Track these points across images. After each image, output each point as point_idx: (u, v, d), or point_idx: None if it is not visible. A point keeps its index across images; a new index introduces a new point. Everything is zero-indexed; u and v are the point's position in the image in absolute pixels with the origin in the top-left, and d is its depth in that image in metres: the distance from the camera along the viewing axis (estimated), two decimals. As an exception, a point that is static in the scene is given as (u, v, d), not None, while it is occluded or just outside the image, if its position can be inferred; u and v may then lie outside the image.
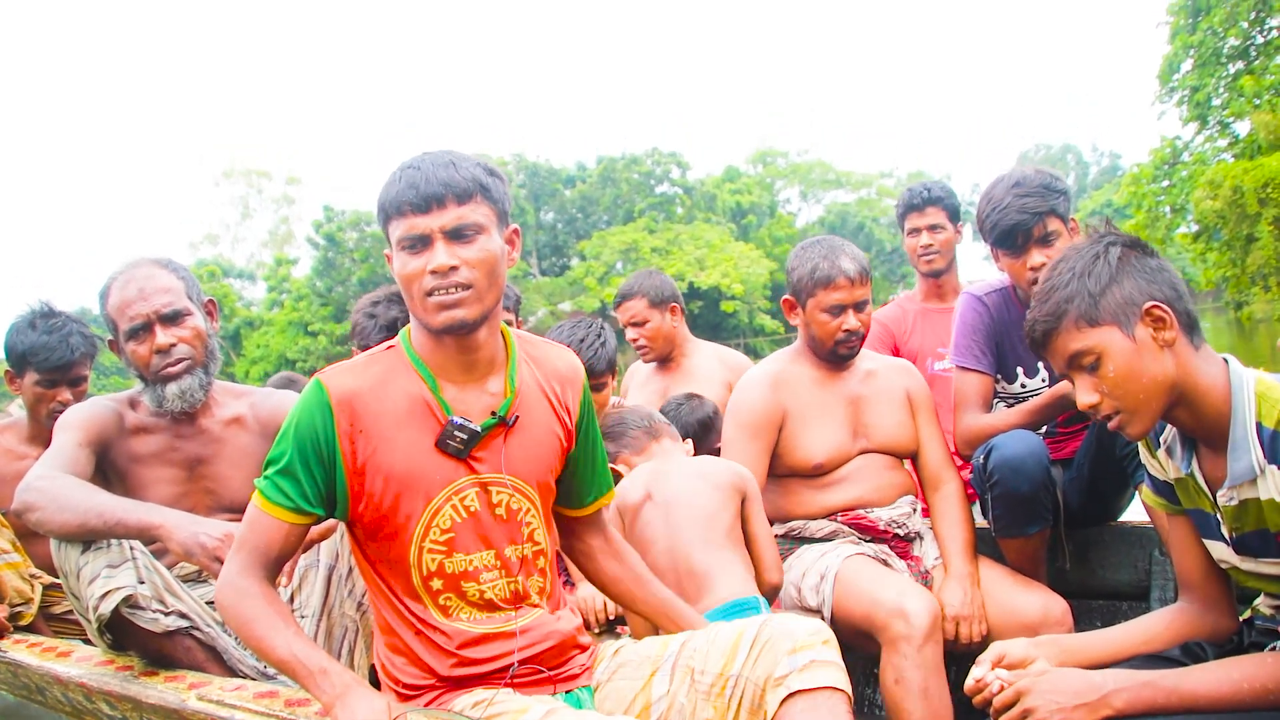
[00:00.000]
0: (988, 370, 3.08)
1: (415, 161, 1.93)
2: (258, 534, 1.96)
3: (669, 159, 57.76)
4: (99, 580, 2.32)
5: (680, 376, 4.12)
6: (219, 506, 2.84)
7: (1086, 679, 1.79)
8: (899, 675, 2.55)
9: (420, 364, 2.00)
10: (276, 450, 1.95)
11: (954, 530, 2.95)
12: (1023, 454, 2.75)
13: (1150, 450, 2.03)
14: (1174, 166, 28.31)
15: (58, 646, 2.67)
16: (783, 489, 3.06)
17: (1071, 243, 2.75)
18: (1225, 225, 24.09)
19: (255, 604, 1.92)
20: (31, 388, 3.46)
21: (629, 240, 51.22)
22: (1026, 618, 2.73)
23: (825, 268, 2.93)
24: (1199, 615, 2.02)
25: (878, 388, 3.07)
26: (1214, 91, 27.54)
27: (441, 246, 1.88)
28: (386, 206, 1.93)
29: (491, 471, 2.01)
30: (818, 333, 2.98)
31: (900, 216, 4.27)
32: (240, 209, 67.75)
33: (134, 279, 2.72)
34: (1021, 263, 2.90)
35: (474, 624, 2.00)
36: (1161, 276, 1.84)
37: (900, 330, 4.13)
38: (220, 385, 2.92)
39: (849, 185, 67.45)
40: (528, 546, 2.06)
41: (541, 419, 2.10)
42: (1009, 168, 2.97)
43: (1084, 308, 1.83)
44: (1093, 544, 3.23)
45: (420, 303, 1.92)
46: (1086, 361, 1.85)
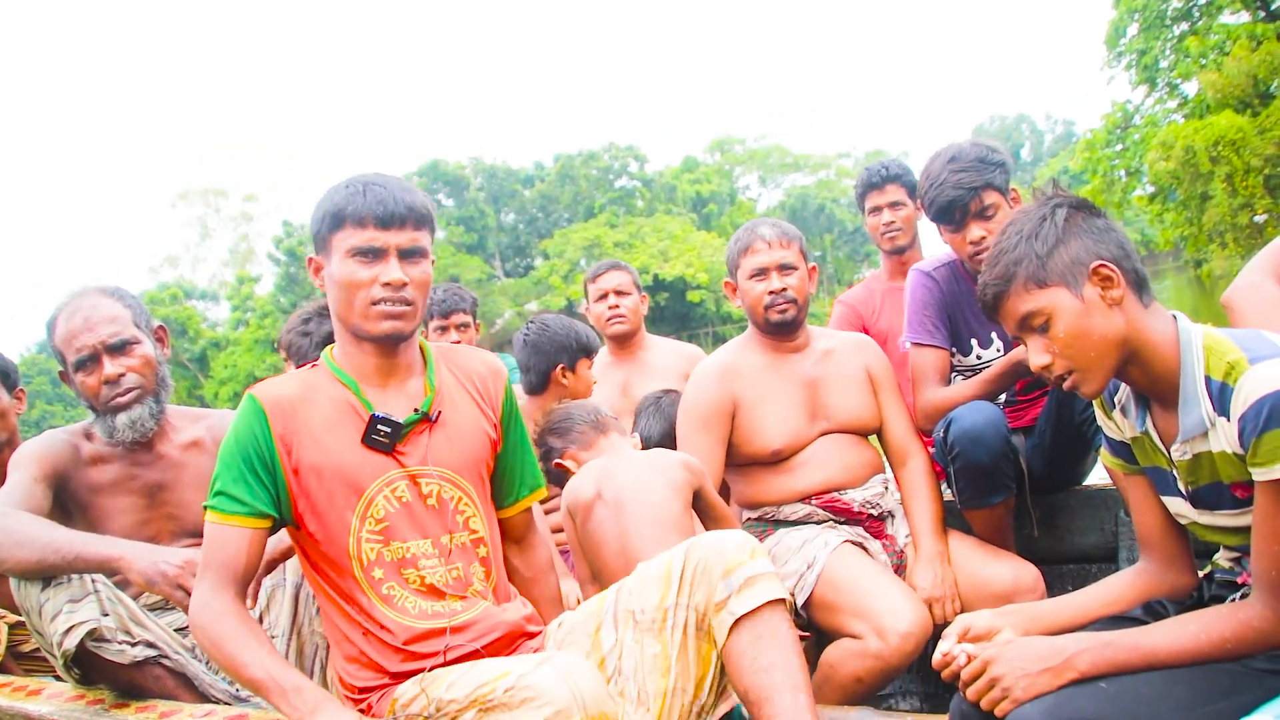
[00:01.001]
0: (942, 344, 3.08)
1: (379, 180, 2.08)
2: (220, 549, 2.00)
3: (626, 153, 57.89)
4: (61, 616, 2.30)
5: (639, 369, 4.12)
6: (183, 532, 2.82)
7: (1050, 644, 1.79)
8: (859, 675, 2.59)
9: (342, 373, 2.13)
10: (220, 466, 2.04)
11: (922, 507, 2.95)
12: (981, 425, 2.76)
13: (1105, 411, 2.04)
14: (1126, 130, 28.55)
15: (28, 685, 2.64)
16: (748, 477, 3.06)
17: (1014, 210, 2.78)
18: (1180, 185, 24.32)
19: (229, 624, 1.95)
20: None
21: (591, 236, 51.26)
22: (998, 587, 2.74)
23: (745, 237, 3.02)
24: (1160, 573, 2.03)
25: (834, 367, 3.06)
26: (1161, 54, 27.74)
27: (395, 262, 2.03)
28: (345, 214, 2.04)
29: (418, 464, 2.11)
30: (748, 302, 3.01)
31: (860, 196, 4.27)
32: (199, 229, 67.25)
33: (80, 309, 2.69)
34: (961, 237, 2.91)
35: (420, 617, 2.05)
36: (1108, 236, 1.85)
37: (868, 310, 4.13)
38: (175, 410, 2.89)
39: (807, 168, 67.70)
40: (465, 534, 2.15)
41: (466, 414, 2.22)
42: (962, 141, 2.96)
43: (1032, 269, 1.84)
44: (1059, 510, 3.25)
45: (362, 309, 2.05)
46: (1037, 323, 1.86)
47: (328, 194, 2.09)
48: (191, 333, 55.25)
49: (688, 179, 59.48)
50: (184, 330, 54.87)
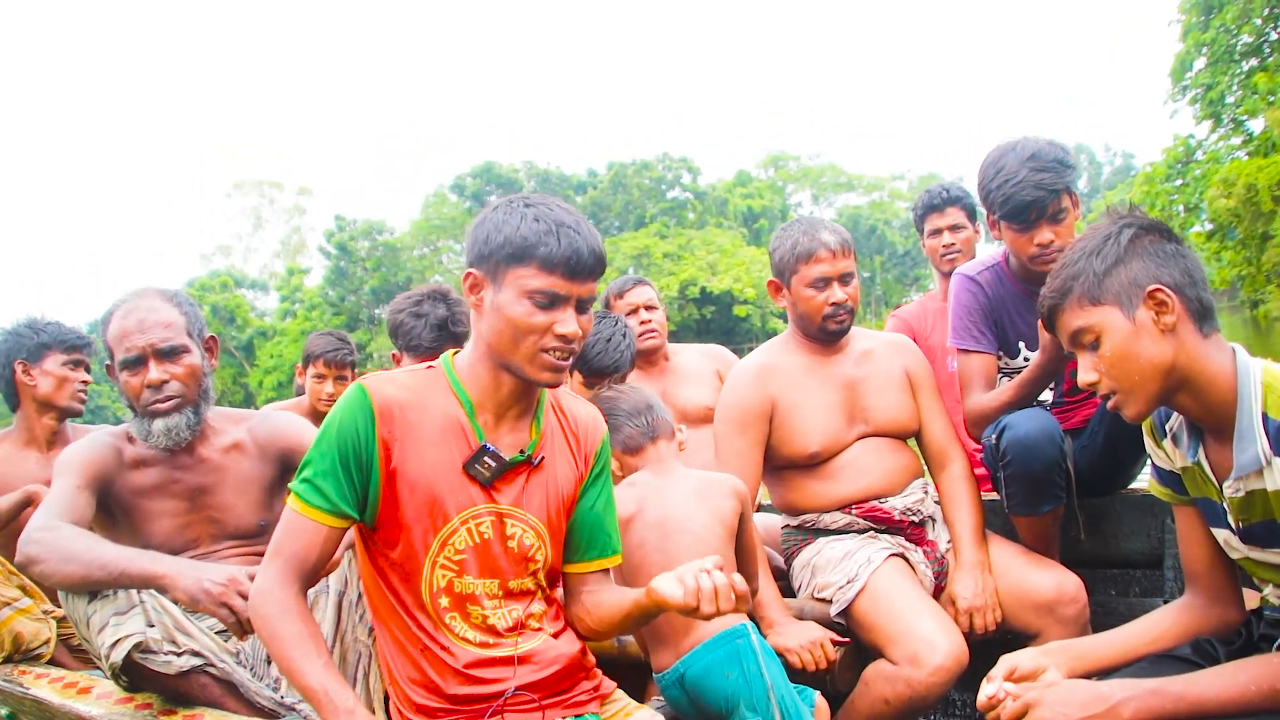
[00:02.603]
0: (988, 349, 3.05)
1: (573, 223, 1.94)
2: (295, 539, 1.96)
3: (679, 164, 57.92)
4: (108, 629, 2.31)
5: (672, 378, 4.09)
6: (224, 535, 2.82)
7: (1094, 690, 1.77)
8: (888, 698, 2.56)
9: (460, 388, 2.04)
10: (315, 452, 1.96)
11: (962, 514, 2.92)
12: (1035, 433, 2.72)
13: (1156, 440, 2.01)
14: (1187, 165, 28.16)
15: (79, 681, 2.66)
16: (786, 482, 3.03)
17: (1074, 218, 2.73)
18: (1240, 223, 23.95)
19: (291, 623, 1.91)
20: (57, 370, 3.53)
21: (641, 246, 51.30)
22: (1040, 596, 2.70)
23: (805, 242, 2.90)
24: (1205, 608, 2.00)
25: (874, 368, 3.03)
26: (1227, 89, 27.37)
27: (573, 314, 1.94)
28: (534, 253, 1.90)
29: (510, 505, 2.04)
30: (805, 310, 2.94)
31: (919, 218, 4.27)
32: (252, 220, 68.17)
33: (135, 310, 2.69)
34: (1029, 238, 2.85)
35: (481, 646, 2.01)
36: (1175, 262, 1.83)
37: (920, 327, 4.14)
38: (216, 412, 2.88)
39: (860, 188, 67.48)
40: (529, 580, 2.10)
41: (562, 463, 2.14)
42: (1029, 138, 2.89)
43: (1088, 286, 1.84)
44: (1105, 513, 3.20)
45: (528, 354, 1.94)
46: (1087, 340, 1.86)
47: (509, 217, 1.94)
48: (240, 321, 56.00)
49: (740, 193, 59.46)
50: (232, 318, 55.63)
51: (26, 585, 2.99)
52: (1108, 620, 2.12)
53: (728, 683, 2.28)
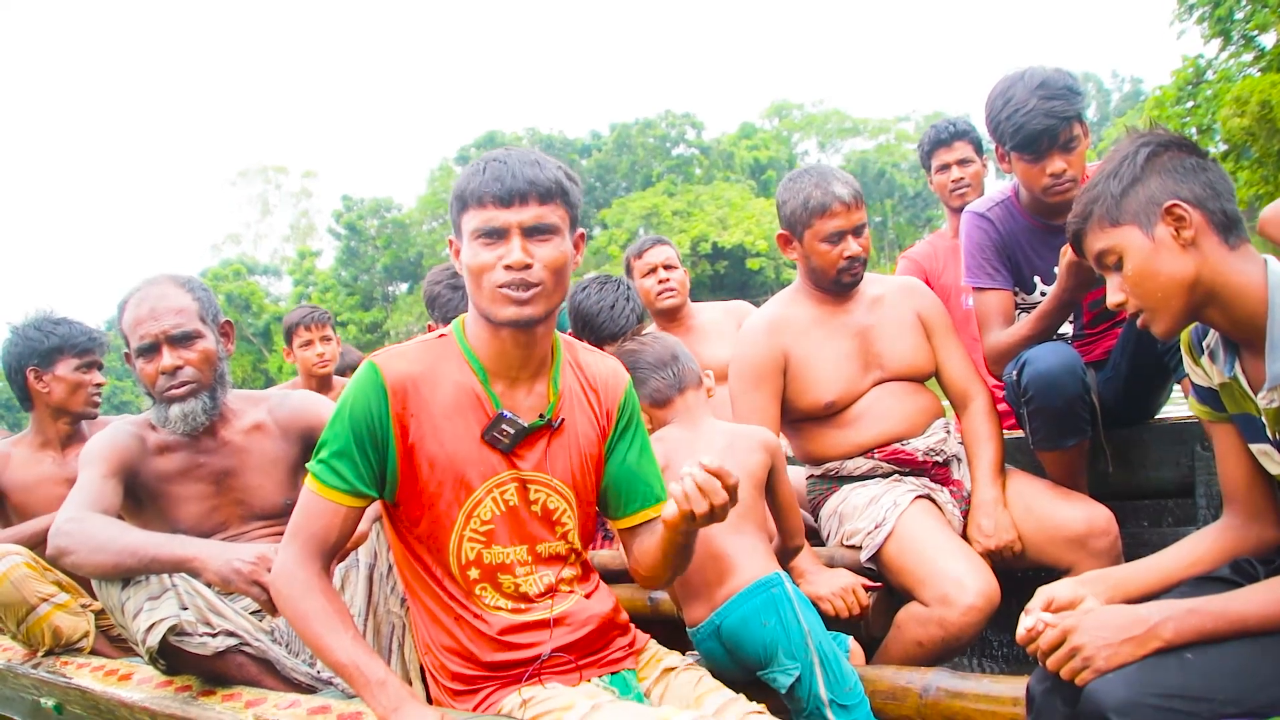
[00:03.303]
0: (1003, 285, 3.02)
1: (501, 155, 1.96)
2: (314, 519, 1.96)
3: (683, 120, 57.63)
4: (143, 614, 2.33)
5: (694, 336, 4.08)
6: (251, 516, 2.85)
7: (1132, 613, 1.75)
8: (920, 640, 2.56)
9: (473, 356, 2.03)
10: (330, 433, 1.97)
11: (980, 451, 2.90)
12: (1056, 368, 2.69)
13: (1194, 357, 1.99)
14: (1198, 86, 27.71)
15: (119, 669, 2.70)
16: (805, 433, 3.01)
17: (1085, 147, 2.69)
18: (1255, 142, 23.62)
19: (314, 601, 1.92)
20: (69, 375, 3.52)
21: (649, 205, 51.18)
22: (1071, 530, 2.69)
23: (819, 196, 2.85)
24: (1244, 528, 1.97)
25: (885, 314, 3.00)
26: (1236, 4, 26.81)
27: (518, 242, 1.90)
28: (466, 195, 1.94)
29: (533, 470, 2.04)
30: (818, 263, 2.91)
31: (926, 155, 4.24)
32: (259, 206, 68.27)
33: (148, 297, 2.71)
34: (1040, 168, 2.81)
35: (515, 613, 2.02)
36: (1196, 176, 1.81)
37: (932, 267, 4.12)
38: (236, 394, 2.90)
39: (867, 132, 66.98)
40: (560, 544, 2.09)
41: (582, 423, 2.13)
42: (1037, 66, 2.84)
43: (1107, 207, 1.84)
44: (1133, 444, 3.18)
45: (489, 294, 1.93)
46: (1110, 261, 1.86)
47: (459, 175, 2.00)
48: (255, 307, 56.23)
49: (745, 145, 59.13)
50: (248, 305, 55.86)
51: (63, 580, 3.03)
52: (1141, 552, 2.09)
53: (765, 631, 2.28)
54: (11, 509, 3.52)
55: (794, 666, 2.23)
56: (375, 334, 51.54)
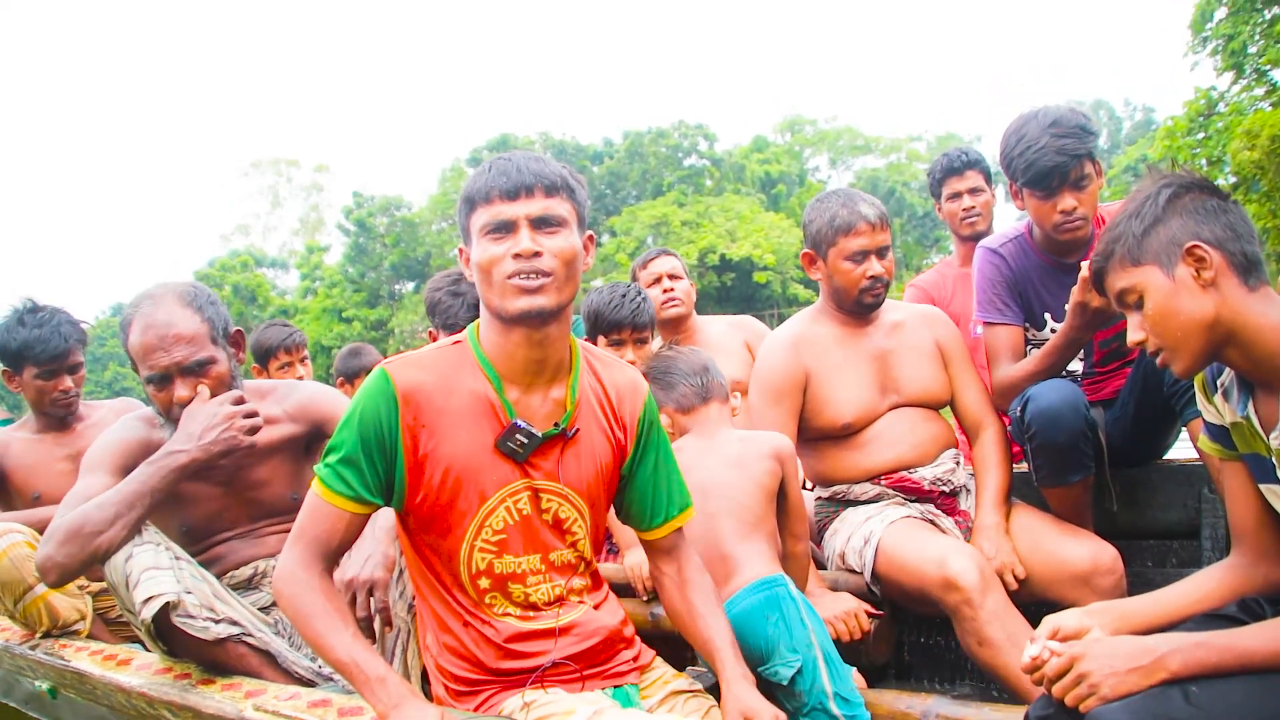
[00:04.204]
0: (1014, 321, 3.05)
1: (505, 155, 2.01)
2: (318, 522, 1.97)
3: (696, 131, 57.53)
4: (141, 585, 2.33)
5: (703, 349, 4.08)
6: (260, 514, 2.85)
7: (1140, 643, 1.77)
8: (980, 638, 2.55)
9: (487, 363, 2.04)
10: (338, 438, 1.97)
11: (986, 479, 2.94)
12: (1058, 404, 2.72)
13: (1207, 395, 2.02)
14: (1209, 118, 27.70)
15: (118, 654, 2.71)
16: (818, 452, 3.04)
17: (1097, 186, 2.73)
18: (1264, 176, 23.61)
19: (315, 600, 1.93)
20: (32, 382, 3.53)
21: (659, 214, 51.08)
22: (1076, 567, 2.70)
23: (844, 215, 2.91)
24: (1251, 567, 1.99)
25: (905, 339, 3.04)
26: (1249, 39, 26.86)
27: (526, 233, 1.93)
28: (474, 195, 1.98)
29: (546, 479, 2.05)
30: (841, 283, 2.94)
31: (937, 182, 4.26)
32: (270, 198, 68.31)
33: (154, 324, 2.60)
34: (1052, 205, 2.86)
35: (521, 621, 2.04)
36: (1217, 218, 1.85)
37: (940, 295, 4.14)
38: (246, 386, 2.85)
39: (878, 151, 66.86)
40: (570, 553, 2.10)
41: (598, 432, 2.13)
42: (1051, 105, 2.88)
43: (1129, 247, 1.88)
44: (1140, 484, 3.20)
45: (499, 287, 1.94)
46: (1131, 299, 1.89)
47: (465, 181, 2.04)
48: (261, 300, 56.17)
49: (757, 159, 59.05)
50: (253, 297, 55.79)
51: None
52: (1144, 591, 2.10)
53: (769, 624, 2.32)
54: (14, 491, 3.54)
55: (795, 659, 2.27)
56: (380, 331, 51.45)
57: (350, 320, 51.61)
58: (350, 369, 5.36)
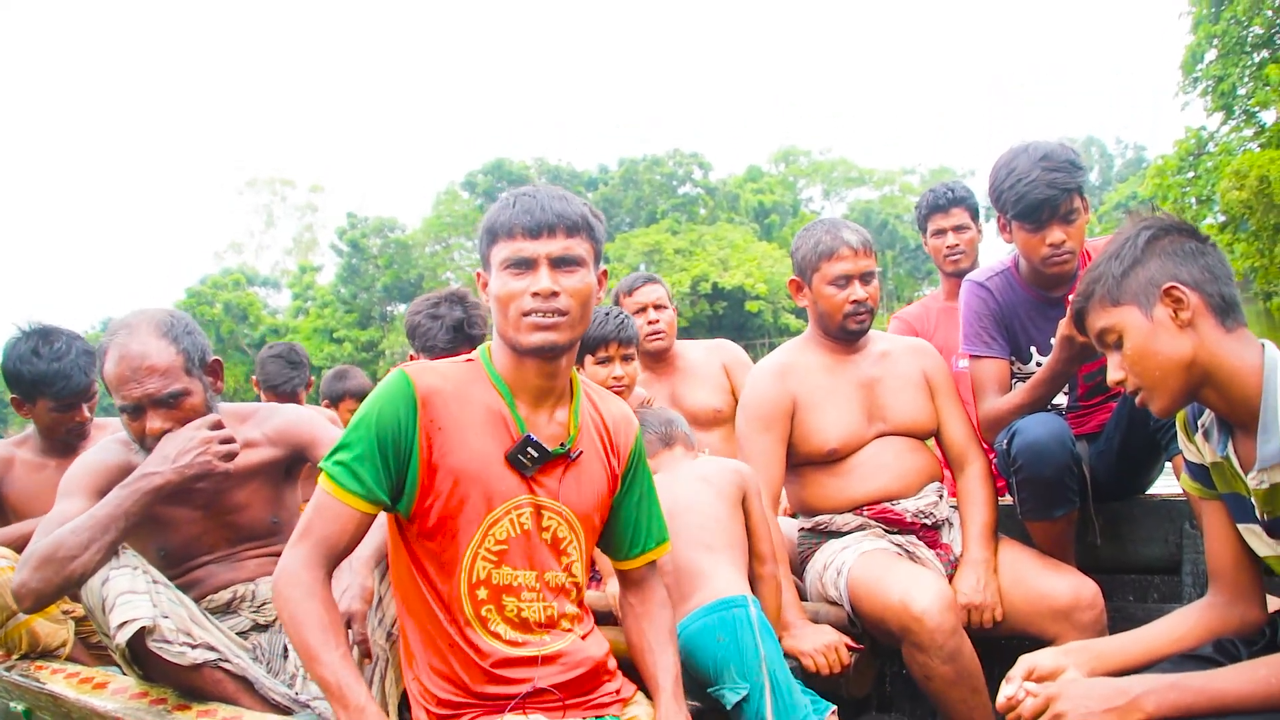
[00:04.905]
0: (1000, 354, 3.07)
1: (530, 191, 2.06)
2: (327, 522, 1.96)
3: (690, 160, 57.87)
4: (117, 609, 2.30)
5: (680, 378, 4.08)
6: (240, 538, 2.81)
7: (1115, 685, 1.78)
8: (927, 673, 2.56)
9: (499, 380, 2.08)
10: (351, 436, 1.97)
11: (973, 513, 2.94)
12: (1045, 438, 2.73)
13: (1188, 434, 2.04)
14: (1199, 157, 27.98)
15: (94, 677, 2.67)
16: (802, 480, 3.05)
17: (1084, 221, 2.76)
18: (1252, 215, 23.82)
19: (313, 608, 1.91)
20: (47, 414, 3.42)
21: (652, 242, 51.26)
22: (1057, 601, 2.70)
23: (828, 240, 2.95)
24: (1227, 606, 2.00)
25: (892, 369, 3.06)
26: (1239, 81, 27.16)
27: (546, 272, 1.98)
28: (496, 228, 2.03)
29: (548, 497, 2.08)
30: (825, 308, 2.97)
31: (923, 218, 4.28)
32: (264, 217, 68.41)
33: (128, 355, 2.56)
34: (1040, 238, 2.88)
35: (510, 644, 2.03)
36: (1195, 260, 1.87)
37: (924, 328, 4.15)
38: (224, 410, 2.81)
39: (872, 183, 67.34)
40: (564, 576, 2.12)
41: (596, 459, 2.18)
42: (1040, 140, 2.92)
43: (1108, 287, 1.91)
44: (1123, 518, 3.20)
45: (515, 322, 2.00)
46: (1111, 339, 1.92)
47: (489, 210, 2.09)
48: (252, 318, 56.15)
49: (751, 189, 59.40)
50: (245, 315, 55.77)
51: None
52: (1125, 626, 2.12)
53: (719, 647, 2.33)
54: (11, 511, 3.48)
55: (743, 686, 2.27)
56: (371, 352, 51.43)
57: (341, 341, 51.62)
58: (335, 391, 5.30)
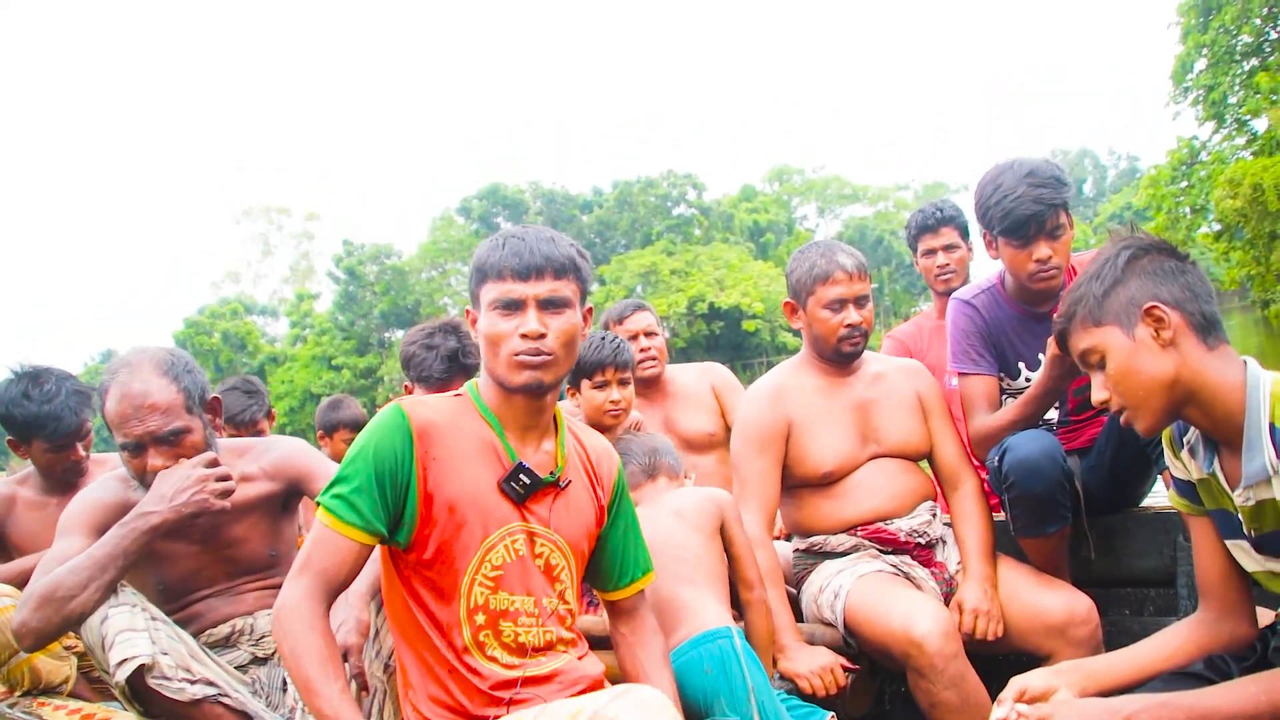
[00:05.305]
0: (988, 371, 3.07)
1: (519, 232, 2.12)
2: (326, 555, 1.97)
3: (685, 180, 58.06)
4: (117, 646, 2.33)
5: (672, 403, 4.07)
6: (238, 572, 2.83)
7: (1106, 705, 1.81)
8: (931, 700, 2.56)
9: (489, 412, 2.14)
10: (348, 469, 1.99)
11: (972, 532, 2.93)
12: (1036, 455, 2.73)
13: (1174, 451, 2.05)
14: (1192, 167, 28.06)
15: (96, 713, 2.69)
16: (798, 501, 3.05)
17: (1070, 237, 2.76)
18: (1247, 224, 23.86)
19: (313, 641, 1.91)
20: (42, 454, 3.42)
21: (648, 263, 51.41)
22: (1051, 618, 2.70)
23: (823, 264, 2.95)
24: (1217, 623, 2.01)
25: (885, 390, 3.06)
26: (1229, 89, 27.30)
27: (534, 313, 2.05)
28: (486, 269, 2.08)
29: (540, 524, 2.12)
30: (820, 331, 2.98)
31: (913, 238, 4.29)
32: (261, 246, 68.58)
33: (130, 394, 2.59)
34: (1027, 254, 2.88)
35: (508, 668, 2.05)
36: (1175, 279, 1.88)
37: (916, 347, 4.16)
38: (222, 445, 2.84)
39: (866, 199, 67.54)
40: (558, 602, 2.15)
41: (582, 490, 2.23)
42: (1026, 157, 2.94)
43: (1090, 308, 1.92)
44: (1117, 532, 3.19)
45: (504, 361, 2.06)
46: (1094, 359, 1.93)
47: (477, 248, 2.14)
48: (250, 347, 56.24)
49: (745, 208, 59.60)
50: (243, 345, 55.85)
51: None
52: (1121, 640, 2.12)
53: (707, 679, 2.34)
54: (14, 549, 3.48)
55: (734, 718, 2.27)
56: (369, 379, 51.49)
57: (339, 368, 51.67)
58: (330, 422, 5.27)
